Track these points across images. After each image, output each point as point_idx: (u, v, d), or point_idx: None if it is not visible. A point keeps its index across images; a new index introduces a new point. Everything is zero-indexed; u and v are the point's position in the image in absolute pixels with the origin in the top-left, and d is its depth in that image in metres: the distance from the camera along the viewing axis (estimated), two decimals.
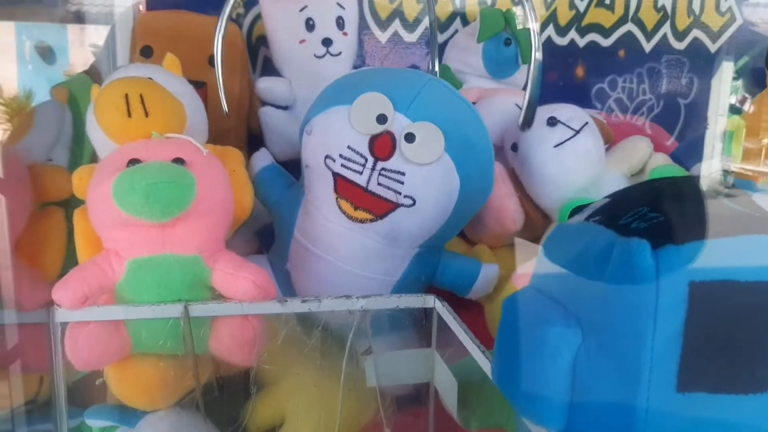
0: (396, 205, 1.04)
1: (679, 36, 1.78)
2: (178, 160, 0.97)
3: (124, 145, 1.02)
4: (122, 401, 1.06)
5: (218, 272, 1.00)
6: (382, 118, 1.02)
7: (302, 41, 1.43)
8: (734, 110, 1.87)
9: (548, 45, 1.70)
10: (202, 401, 1.03)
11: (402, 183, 1.02)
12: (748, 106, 1.83)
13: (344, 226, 1.07)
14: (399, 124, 1.02)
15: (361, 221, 1.06)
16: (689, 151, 1.40)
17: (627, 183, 1.23)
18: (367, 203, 1.05)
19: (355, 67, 1.50)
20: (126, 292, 0.99)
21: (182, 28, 1.40)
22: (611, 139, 1.25)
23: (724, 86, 1.86)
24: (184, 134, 1.07)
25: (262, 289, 0.99)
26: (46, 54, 1.58)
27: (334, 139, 1.05)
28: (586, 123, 1.15)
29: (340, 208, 1.06)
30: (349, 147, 1.03)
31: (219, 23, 1.24)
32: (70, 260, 1.16)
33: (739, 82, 1.89)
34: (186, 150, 1.00)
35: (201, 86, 1.37)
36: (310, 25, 1.42)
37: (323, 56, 1.43)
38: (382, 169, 1.02)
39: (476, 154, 1.07)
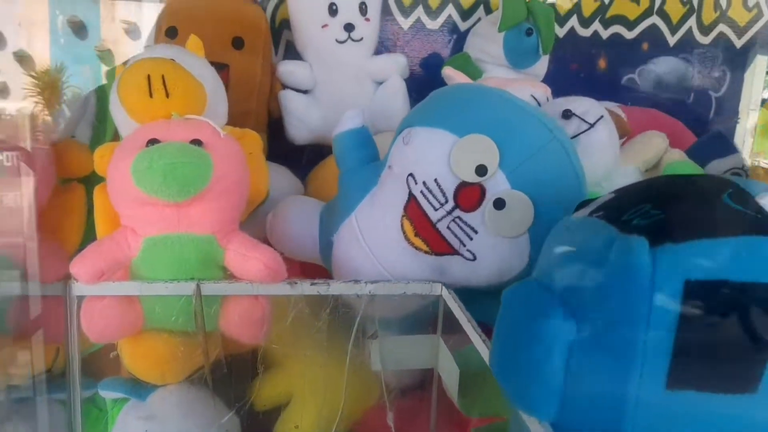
0: (456, 252, 1.00)
1: (705, 30, 1.76)
2: (196, 142, 0.99)
3: (144, 124, 1.04)
4: (134, 374, 1.09)
5: (231, 252, 1.02)
6: (481, 170, 0.95)
7: (324, 26, 1.44)
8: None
9: (571, 36, 1.69)
10: (210, 377, 1.05)
11: (471, 239, 0.98)
12: None
13: (398, 241, 1.04)
14: (495, 184, 0.95)
15: (416, 248, 1.03)
16: (708, 147, 1.38)
17: (641, 178, 1.22)
18: (428, 236, 1.01)
19: (377, 53, 1.51)
20: (141, 268, 1.02)
21: (207, 10, 1.42)
22: (628, 133, 1.24)
23: (757, 80, 1.84)
24: (204, 116, 1.09)
25: (271, 271, 1.01)
26: (78, 28, 1.60)
27: (426, 164, 0.99)
28: (601, 116, 1.14)
29: (401, 225, 1.03)
30: (435, 181, 0.98)
31: None
32: (89, 235, 1.19)
33: None
34: (204, 131, 1.02)
35: (223, 68, 1.39)
36: (333, 10, 1.43)
37: (345, 41, 1.45)
38: (458, 217, 0.97)
39: None
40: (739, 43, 1.79)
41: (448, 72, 1.29)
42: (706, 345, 0.61)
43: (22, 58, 1.61)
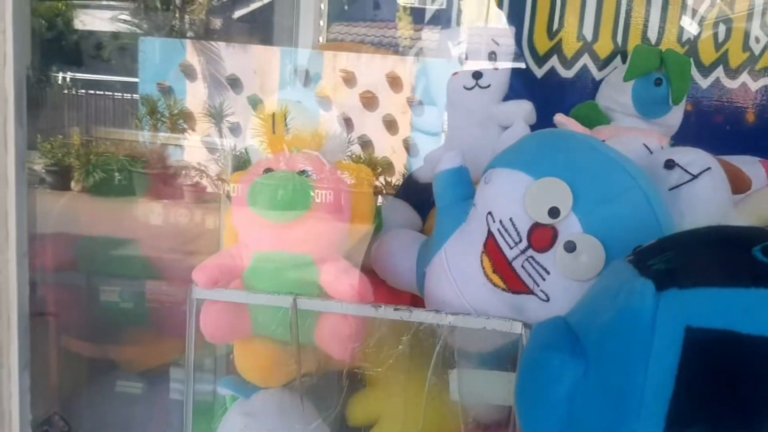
0: (531, 292, 1.03)
1: None
2: (303, 172, 1.12)
3: (268, 156, 1.20)
4: (242, 375, 1.23)
5: (325, 273, 1.13)
6: (554, 212, 0.97)
7: (455, 73, 1.53)
8: None
9: (716, 87, 1.62)
10: (302, 385, 1.16)
11: (544, 279, 1.00)
12: None
13: (478, 277, 1.08)
14: (567, 226, 0.97)
15: (494, 284, 1.06)
16: None
17: None
18: (505, 274, 1.04)
19: (507, 98, 1.56)
20: (250, 280, 1.15)
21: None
22: (748, 187, 1.17)
23: None
24: (320, 152, 1.22)
25: (358, 294, 1.10)
26: (305, 76, 1.81)
27: (503, 203, 1.04)
28: (708, 168, 1.10)
29: (481, 261, 1.07)
30: (511, 220, 1.01)
31: None
32: None
33: None
34: (312, 163, 1.15)
35: None
36: (463, 60, 1.52)
37: (472, 88, 1.52)
38: (531, 257, 1.00)
39: None
40: None
41: (560, 119, 1.31)
42: (708, 393, 0.59)
43: (255, 102, 1.87)
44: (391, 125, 1.90)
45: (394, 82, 1.83)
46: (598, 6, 1.62)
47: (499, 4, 1.63)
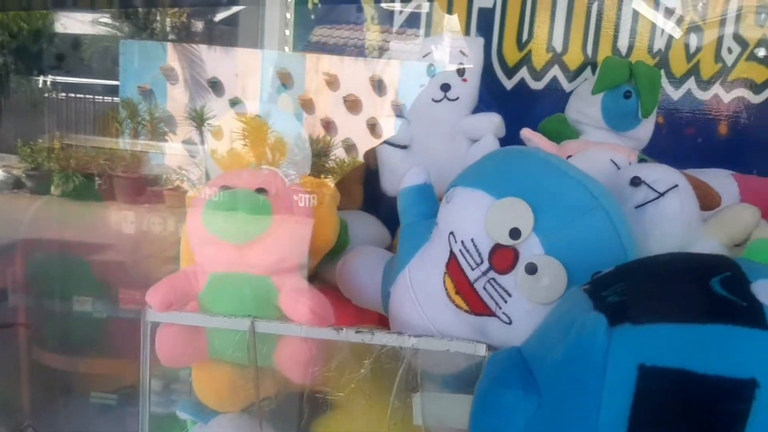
0: (493, 314, 1.00)
1: None
2: (261, 190, 1.09)
3: (223, 172, 1.16)
4: (200, 399, 1.19)
5: (283, 295, 1.09)
6: (515, 234, 0.94)
7: (422, 85, 1.50)
8: None
9: (688, 99, 1.60)
10: (261, 410, 1.12)
11: (505, 302, 0.97)
12: None
13: (442, 298, 1.05)
14: (529, 248, 0.94)
15: (457, 306, 1.03)
16: None
17: (726, 253, 1.12)
18: (468, 295, 1.01)
19: (476, 110, 1.54)
20: (206, 302, 1.12)
21: None
22: (717, 204, 1.15)
23: None
24: (283, 165, 1.19)
25: (317, 316, 1.06)
26: (286, 78, 1.77)
27: (464, 223, 1.01)
28: (675, 186, 1.07)
29: (444, 282, 1.04)
30: (472, 240, 0.99)
31: None
32: None
33: None
34: (271, 181, 1.11)
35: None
36: (430, 71, 1.49)
37: (440, 100, 1.49)
38: (493, 279, 0.98)
39: None
40: None
41: (526, 134, 1.28)
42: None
43: (236, 104, 1.84)
44: (374, 129, 1.88)
45: (378, 85, 1.81)
46: (568, 17, 1.60)
47: (468, 15, 1.61)
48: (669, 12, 1.59)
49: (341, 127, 1.90)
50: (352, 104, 1.87)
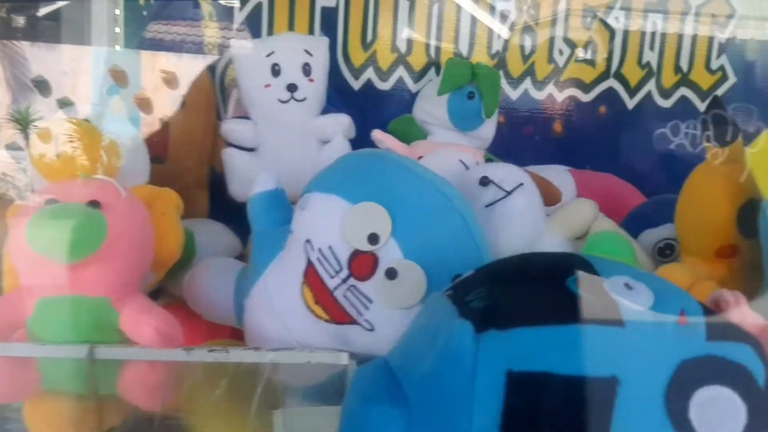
0: (355, 322, 0.97)
1: (665, 93, 1.73)
2: (94, 203, 0.99)
3: (49, 184, 1.05)
4: None
5: (125, 316, 1.00)
6: (373, 239, 0.93)
7: (267, 86, 1.45)
8: None
9: (525, 98, 1.68)
10: None
11: (367, 308, 0.95)
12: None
13: (300, 308, 1.02)
14: (388, 253, 0.93)
15: (317, 316, 1.00)
16: (645, 215, 1.34)
17: (568, 247, 1.19)
18: (328, 304, 0.98)
19: (324, 112, 1.51)
20: (36, 329, 1.00)
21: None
22: (558, 200, 1.21)
23: None
24: (119, 175, 1.09)
25: (164, 336, 0.99)
26: (120, 77, 1.61)
27: (321, 231, 0.98)
28: (521, 184, 1.12)
29: (302, 293, 1.01)
30: (330, 248, 0.96)
31: None
32: None
33: None
34: (105, 192, 1.02)
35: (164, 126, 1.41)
36: (275, 71, 1.44)
37: (288, 101, 1.45)
38: (353, 286, 0.95)
39: None
40: (702, 107, 1.76)
41: (377, 135, 1.28)
42: None
43: (65, 105, 1.65)
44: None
45: (221, 85, 1.72)
46: (410, 18, 1.62)
47: (311, 14, 1.58)
48: (504, 16, 1.66)
49: None
50: None
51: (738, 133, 1.09)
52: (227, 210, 1.50)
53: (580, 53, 1.68)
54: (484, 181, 1.12)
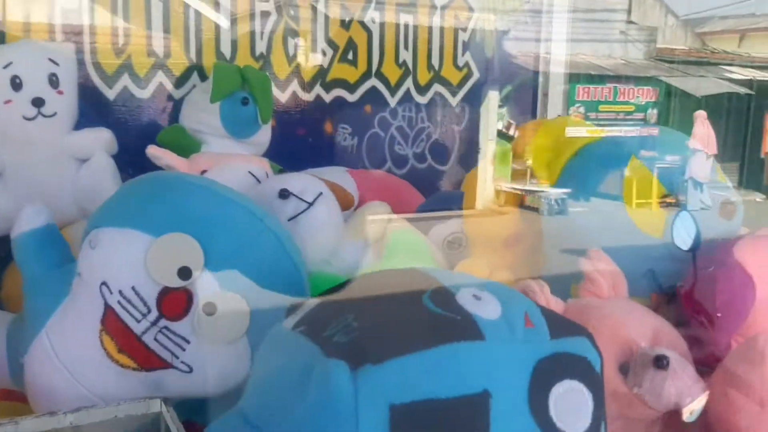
0: (169, 366, 0.89)
1: (422, 90, 1.85)
2: None
3: None
4: None
5: None
6: (185, 273, 0.85)
7: (8, 101, 1.24)
8: (502, 135, 1.97)
9: (294, 100, 1.67)
10: None
11: (183, 350, 0.87)
12: (513, 131, 1.93)
13: (99, 360, 0.90)
14: (203, 286, 0.85)
15: (122, 365, 0.89)
16: (432, 210, 1.42)
17: (369, 250, 1.20)
18: (135, 351, 0.88)
19: (78, 127, 1.34)
20: None
21: None
22: (351, 204, 1.22)
23: (492, 114, 1.95)
24: None
25: None
26: None
27: (119, 271, 0.87)
28: (320, 194, 1.10)
29: (102, 342, 0.89)
30: (133, 288, 0.86)
31: None
32: None
33: (505, 110, 2.00)
34: None
35: None
36: (16, 84, 1.24)
37: (34, 117, 1.26)
38: (165, 327, 0.86)
39: None
40: (454, 101, 1.90)
41: (154, 151, 1.17)
42: None
43: None
44: None
45: None
46: (165, 18, 1.50)
47: (50, 17, 1.39)
48: (265, 19, 1.62)
49: None
50: None
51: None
52: None
53: None
54: (284, 194, 1.09)
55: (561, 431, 0.61)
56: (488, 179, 1.82)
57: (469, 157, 1.97)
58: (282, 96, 1.64)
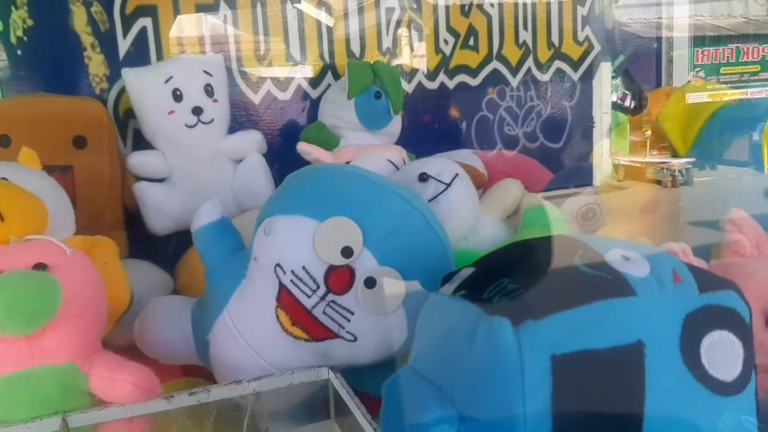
0: (336, 336, 0.99)
1: (542, 68, 1.87)
2: (40, 266, 0.92)
3: None
4: None
5: (95, 377, 0.95)
6: (347, 252, 0.94)
7: (171, 112, 1.40)
8: (616, 107, 1.95)
9: (420, 89, 1.74)
10: None
11: (349, 321, 0.97)
12: (629, 102, 1.90)
13: (276, 333, 1.01)
14: (363, 263, 0.95)
15: (295, 337, 1.00)
16: (563, 184, 1.45)
17: (504, 226, 1.26)
18: (306, 323, 0.99)
19: (231, 131, 1.48)
20: (1, 412, 0.92)
21: (41, 113, 1.34)
22: (484, 183, 1.28)
23: (605, 86, 1.95)
24: (47, 232, 1.02)
25: (144, 390, 0.94)
26: None
27: (291, 253, 0.98)
28: (457, 175, 1.17)
29: (277, 317, 1.00)
30: (304, 268, 0.96)
31: None
32: None
33: (619, 81, 1.97)
34: (48, 252, 0.95)
35: (67, 170, 1.32)
36: (177, 96, 1.39)
37: (195, 125, 1.41)
38: (332, 301, 0.96)
39: None
40: (576, 76, 1.91)
41: (303, 147, 1.29)
42: (583, 413, 0.62)
43: None
44: None
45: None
46: (300, 26, 1.62)
47: (200, 32, 1.53)
48: (390, 11, 1.70)
49: None
50: None
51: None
52: (146, 246, 1.45)
53: None
54: (423, 177, 1.17)
55: (713, 378, 0.65)
56: (605, 153, 1.82)
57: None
58: (408, 87, 1.72)
